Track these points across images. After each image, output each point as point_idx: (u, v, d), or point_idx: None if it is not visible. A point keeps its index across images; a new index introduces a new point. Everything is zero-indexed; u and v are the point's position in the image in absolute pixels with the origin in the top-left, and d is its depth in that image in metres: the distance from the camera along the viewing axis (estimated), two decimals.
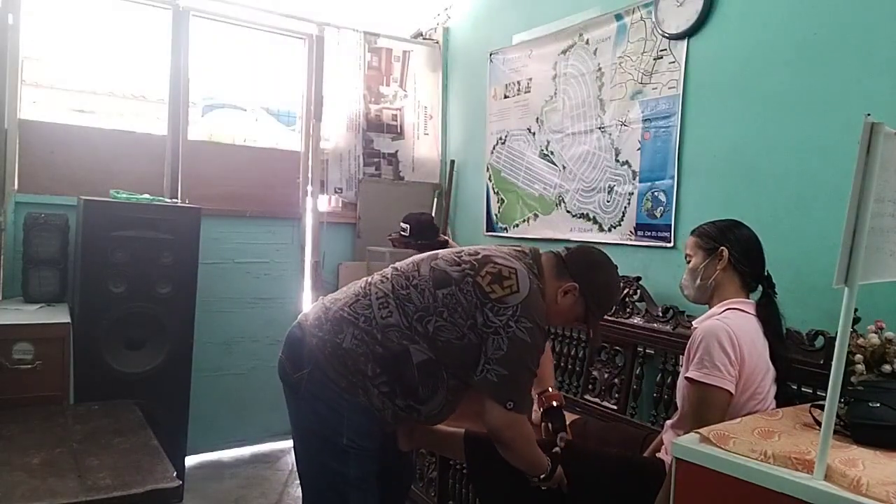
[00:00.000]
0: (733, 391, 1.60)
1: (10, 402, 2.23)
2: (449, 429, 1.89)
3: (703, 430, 1.35)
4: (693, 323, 1.80)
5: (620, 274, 2.60)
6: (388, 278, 1.69)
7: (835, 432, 1.21)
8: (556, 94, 3.14)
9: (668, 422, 1.88)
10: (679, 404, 1.79)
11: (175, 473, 1.77)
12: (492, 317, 1.55)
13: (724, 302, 1.75)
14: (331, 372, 1.60)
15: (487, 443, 1.70)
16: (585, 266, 1.73)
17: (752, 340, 1.66)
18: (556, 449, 1.77)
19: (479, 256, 1.64)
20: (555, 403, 1.92)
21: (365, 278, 1.76)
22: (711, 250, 1.78)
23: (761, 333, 1.70)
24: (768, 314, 1.74)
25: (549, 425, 1.90)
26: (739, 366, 1.61)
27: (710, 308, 1.80)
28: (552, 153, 3.16)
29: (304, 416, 1.68)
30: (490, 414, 1.57)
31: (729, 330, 1.62)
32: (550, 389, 1.95)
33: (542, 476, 1.67)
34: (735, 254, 1.76)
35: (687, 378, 1.66)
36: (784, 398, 1.73)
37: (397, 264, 1.75)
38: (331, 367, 1.61)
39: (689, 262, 1.85)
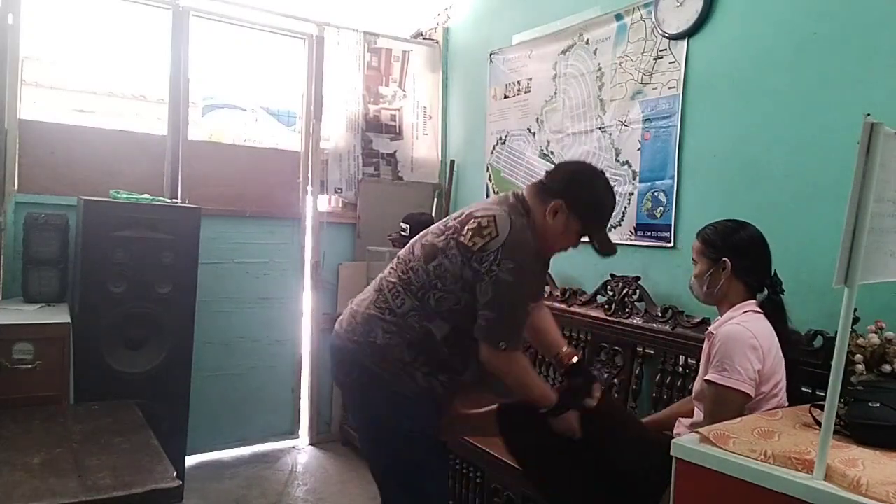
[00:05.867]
0: (752, 394, 1.62)
1: (10, 402, 2.23)
2: (482, 410, 1.94)
3: (703, 430, 1.35)
4: (710, 329, 1.81)
5: (620, 274, 2.64)
6: (394, 269, 1.79)
7: (835, 432, 1.21)
8: (556, 94, 3.14)
9: (685, 420, 1.87)
10: (698, 407, 1.81)
11: (175, 473, 1.77)
12: (477, 266, 1.62)
13: (738, 305, 1.78)
14: (376, 368, 1.71)
15: (518, 412, 1.79)
16: (566, 181, 1.73)
17: (770, 341, 1.69)
18: (590, 401, 1.77)
19: (463, 217, 1.70)
20: (575, 360, 1.90)
21: (380, 274, 1.85)
22: (715, 260, 1.80)
23: (774, 333, 1.73)
24: (773, 318, 1.76)
25: (576, 382, 1.85)
26: (762, 368, 1.64)
27: (720, 311, 1.83)
28: (552, 153, 3.16)
29: (367, 412, 1.82)
30: (485, 355, 1.67)
31: (752, 334, 1.65)
32: (564, 349, 1.93)
33: (549, 408, 1.71)
34: (738, 265, 1.78)
35: (706, 380, 1.68)
36: (793, 393, 1.75)
37: (399, 252, 1.83)
38: (375, 365, 1.71)
39: (695, 265, 1.87)
